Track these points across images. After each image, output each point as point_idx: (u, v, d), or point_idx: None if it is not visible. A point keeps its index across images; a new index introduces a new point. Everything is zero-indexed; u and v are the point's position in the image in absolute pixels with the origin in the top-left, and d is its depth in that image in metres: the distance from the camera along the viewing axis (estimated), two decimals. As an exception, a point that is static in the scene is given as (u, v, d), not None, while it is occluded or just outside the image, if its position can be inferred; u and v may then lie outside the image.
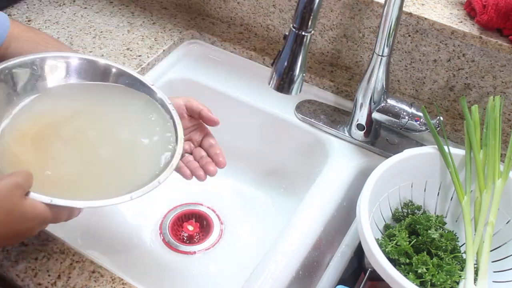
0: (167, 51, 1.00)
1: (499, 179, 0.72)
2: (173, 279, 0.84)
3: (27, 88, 0.69)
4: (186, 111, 0.73)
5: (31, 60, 0.69)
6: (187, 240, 0.89)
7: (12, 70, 0.67)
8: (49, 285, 0.64)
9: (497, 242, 0.73)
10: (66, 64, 0.72)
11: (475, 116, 0.76)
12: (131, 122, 0.70)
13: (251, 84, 0.98)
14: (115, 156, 0.66)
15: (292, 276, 0.71)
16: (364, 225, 0.66)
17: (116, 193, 0.59)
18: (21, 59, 0.69)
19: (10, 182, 0.55)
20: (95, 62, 0.73)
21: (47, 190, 0.58)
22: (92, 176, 0.64)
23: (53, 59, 0.71)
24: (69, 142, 0.66)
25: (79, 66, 0.73)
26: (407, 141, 0.88)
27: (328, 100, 0.95)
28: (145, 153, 0.67)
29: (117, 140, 0.68)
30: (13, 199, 0.55)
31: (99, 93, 0.72)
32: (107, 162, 0.65)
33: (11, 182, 0.55)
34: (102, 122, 0.70)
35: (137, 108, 0.72)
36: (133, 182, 0.62)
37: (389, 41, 0.76)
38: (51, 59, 0.71)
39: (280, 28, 1.01)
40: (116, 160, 0.66)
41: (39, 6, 1.07)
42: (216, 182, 0.96)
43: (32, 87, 0.69)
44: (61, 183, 0.62)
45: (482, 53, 0.83)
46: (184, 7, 1.11)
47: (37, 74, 0.70)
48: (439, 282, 0.66)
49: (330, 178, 0.83)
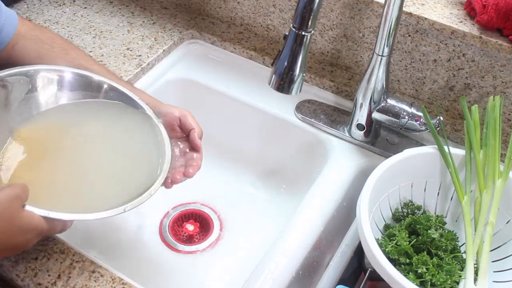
0: (167, 51, 1.00)
1: (499, 179, 0.72)
2: (173, 279, 0.84)
3: (22, 100, 0.70)
4: (179, 123, 0.73)
5: (25, 71, 0.70)
6: (187, 240, 0.89)
7: (7, 79, 0.68)
8: (49, 285, 0.64)
9: (497, 242, 0.73)
10: (59, 78, 0.73)
11: (475, 116, 0.76)
12: (123, 137, 0.72)
13: (251, 84, 0.98)
14: (106, 170, 0.68)
15: (292, 276, 0.71)
16: (364, 225, 0.66)
17: (107, 205, 0.61)
18: (17, 70, 0.69)
19: (9, 194, 0.55)
20: (88, 77, 0.74)
21: (41, 203, 0.59)
22: (84, 189, 0.65)
23: (47, 71, 0.72)
24: (63, 156, 0.67)
25: (73, 81, 0.73)
26: (407, 141, 0.88)
27: (328, 100, 0.95)
28: (136, 167, 0.69)
29: (109, 155, 0.70)
30: (12, 210, 0.56)
31: (91, 109, 0.73)
32: (98, 175, 0.67)
33: (10, 193, 0.55)
34: (94, 138, 0.71)
35: (130, 124, 0.73)
36: (124, 194, 0.64)
37: (389, 41, 0.76)
38: (45, 71, 0.72)
39: (280, 28, 1.01)
40: (106, 174, 0.68)
41: (39, 6, 1.07)
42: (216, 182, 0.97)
43: (26, 98, 0.70)
44: (54, 196, 0.63)
45: (482, 53, 0.83)
46: (184, 7, 1.11)
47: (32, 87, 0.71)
48: (439, 282, 0.66)
49: (330, 178, 0.83)
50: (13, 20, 0.75)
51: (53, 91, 0.72)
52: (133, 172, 0.68)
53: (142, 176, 0.67)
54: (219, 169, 0.99)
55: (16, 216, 0.56)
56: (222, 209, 0.94)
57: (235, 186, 0.98)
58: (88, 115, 0.73)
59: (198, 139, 0.72)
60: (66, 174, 0.66)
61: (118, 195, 0.64)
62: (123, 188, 0.65)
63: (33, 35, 0.76)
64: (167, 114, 0.74)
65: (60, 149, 0.68)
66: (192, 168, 0.71)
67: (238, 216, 0.93)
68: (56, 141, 0.69)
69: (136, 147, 0.71)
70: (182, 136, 0.74)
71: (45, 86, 0.72)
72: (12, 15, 0.75)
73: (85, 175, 0.67)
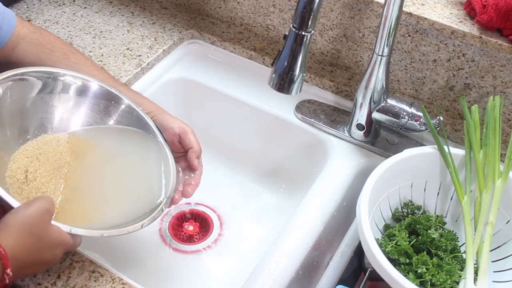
0: (167, 51, 1.00)
1: (499, 179, 0.72)
2: (173, 279, 0.84)
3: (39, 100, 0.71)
4: (179, 139, 0.73)
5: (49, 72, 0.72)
6: (187, 240, 0.89)
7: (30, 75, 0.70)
8: (49, 285, 0.64)
9: (497, 242, 0.73)
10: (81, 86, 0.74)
11: (475, 116, 0.76)
12: (137, 160, 0.73)
13: (251, 84, 0.98)
14: (120, 187, 0.70)
15: (292, 276, 0.71)
16: (364, 225, 0.66)
17: (122, 220, 0.64)
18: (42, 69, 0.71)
19: (40, 208, 0.54)
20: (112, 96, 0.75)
21: (60, 218, 0.60)
22: (100, 205, 0.67)
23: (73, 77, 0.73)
24: (79, 171, 0.69)
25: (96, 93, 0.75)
26: (407, 141, 0.88)
27: (328, 100, 0.95)
28: (145, 187, 0.71)
29: (123, 175, 0.72)
30: (44, 225, 0.55)
31: (111, 133, 0.75)
32: (113, 192, 0.69)
33: (41, 208, 0.54)
34: (108, 156, 0.73)
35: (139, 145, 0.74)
36: (138, 210, 0.67)
37: (389, 41, 0.76)
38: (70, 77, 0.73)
39: (280, 28, 1.01)
40: (120, 191, 0.70)
41: (39, 6, 1.07)
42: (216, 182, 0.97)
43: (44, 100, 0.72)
44: (72, 211, 0.64)
45: (482, 53, 0.83)
46: (184, 7, 1.11)
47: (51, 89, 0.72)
48: (439, 282, 0.66)
49: (330, 178, 0.83)
50: (11, 20, 0.74)
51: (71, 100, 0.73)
52: (143, 191, 0.70)
53: (150, 194, 0.70)
54: (219, 169, 0.99)
55: (46, 231, 0.55)
56: (222, 209, 0.94)
57: (235, 186, 0.98)
58: (105, 135, 0.74)
59: (196, 159, 0.72)
60: (82, 189, 0.67)
61: (133, 211, 0.67)
62: (137, 205, 0.68)
63: (33, 39, 0.75)
64: (167, 129, 0.74)
65: (77, 164, 0.69)
66: (190, 187, 0.72)
67: (238, 216, 0.93)
68: (73, 155, 0.70)
69: (145, 168, 0.73)
70: (181, 150, 0.74)
71: (65, 91, 0.73)
72: (10, 15, 0.75)
73: (100, 191, 0.69)
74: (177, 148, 0.74)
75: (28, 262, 0.55)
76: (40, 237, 0.55)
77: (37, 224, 0.54)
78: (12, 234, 0.53)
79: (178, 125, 0.73)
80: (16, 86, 0.67)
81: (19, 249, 0.53)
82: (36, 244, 0.54)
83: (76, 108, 0.73)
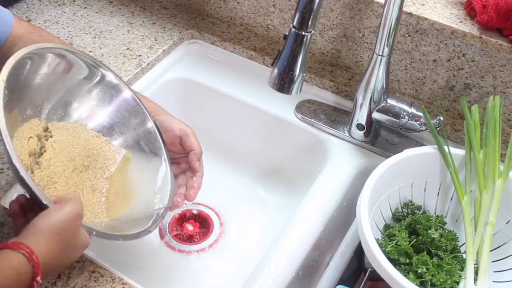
0: (167, 51, 1.00)
1: (499, 179, 0.72)
2: (173, 279, 0.84)
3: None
4: (180, 141, 0.73)
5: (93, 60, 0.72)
6: (187, 240, 0.89)
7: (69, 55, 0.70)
8: (49, 285, 0.64)
9: (497, 242, 0.73)
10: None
11: (475, 116, 0.76)
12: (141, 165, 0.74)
13: (251, 84, 0.97)
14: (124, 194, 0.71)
15: (292, 276, 0.71)
16: (364, 225, 0.66)
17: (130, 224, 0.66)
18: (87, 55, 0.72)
19: (72, 212, 0.54)
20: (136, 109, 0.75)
21: None
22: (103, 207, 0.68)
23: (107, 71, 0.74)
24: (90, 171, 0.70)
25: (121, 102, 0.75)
26: (407, 141, 0.88)
27: (328, 100, 0.95)
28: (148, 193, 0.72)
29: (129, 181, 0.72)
30: (74, 229, 0.55)
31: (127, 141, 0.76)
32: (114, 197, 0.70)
33: (73, 213, 0.54)
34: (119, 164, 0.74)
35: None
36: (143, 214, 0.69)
37: (389, 41, 0.76)
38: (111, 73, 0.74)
39: (280, 28, 1.01)
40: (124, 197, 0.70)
41: (39, 6, 1.07)
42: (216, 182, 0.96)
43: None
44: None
45: (482, 53, 0.83)
46: (184, 7, 1.11)
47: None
48: (439, 282, 0.66)
49: (330, 178, 0.83)
50: (8, 20, 0.74)
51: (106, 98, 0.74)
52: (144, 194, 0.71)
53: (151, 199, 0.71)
54: (219, 169, 0.99)
55: (76, 236, 0.55)
56: (222, 209, 0.94)
57: (235, 186, 0.98)
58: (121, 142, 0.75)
59: (197, 161, 0.72)
60: (90, 189, 0.68)
61: (138, 214, 0.68)
62: (139, 209, 0.69)
63: (32, 39, 0.75)
64: (168, 130, 0.74)
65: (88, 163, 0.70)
66: (193, 190, 0.72)
67: (238, 216, 0.93)
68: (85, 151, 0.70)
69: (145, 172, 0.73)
70: (182, 152, 0.74)
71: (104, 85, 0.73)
72: (7, 15, 0.74)
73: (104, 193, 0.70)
74: (177, 150, 0.74)
75: (54, 265, 0.55)
76: (69, 241, 0.55)
77: (68, 230, 0.54)
78: (43, 240, 0.52)
79: (179, 126, 0.73)
80: (63, 63, 0.69)
81: (49, 255, 0.53)
82: (65, 249, 0.54)
83: (106, 106, 0.74)
